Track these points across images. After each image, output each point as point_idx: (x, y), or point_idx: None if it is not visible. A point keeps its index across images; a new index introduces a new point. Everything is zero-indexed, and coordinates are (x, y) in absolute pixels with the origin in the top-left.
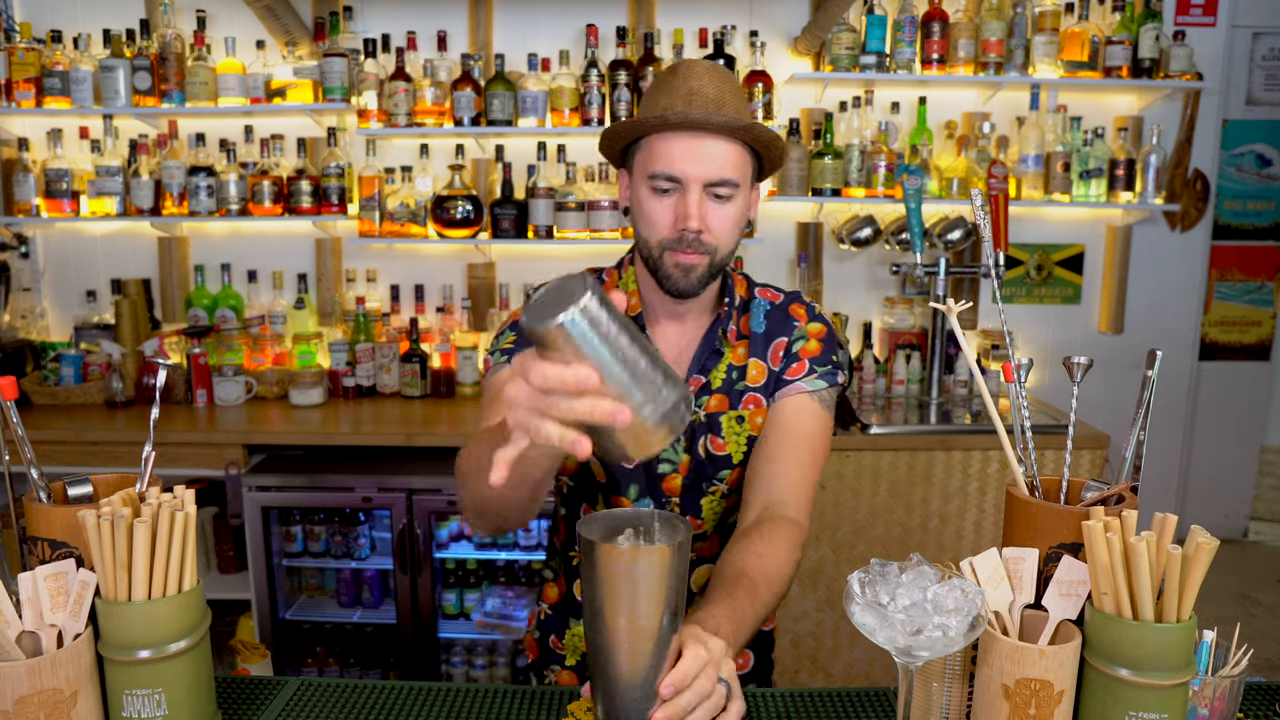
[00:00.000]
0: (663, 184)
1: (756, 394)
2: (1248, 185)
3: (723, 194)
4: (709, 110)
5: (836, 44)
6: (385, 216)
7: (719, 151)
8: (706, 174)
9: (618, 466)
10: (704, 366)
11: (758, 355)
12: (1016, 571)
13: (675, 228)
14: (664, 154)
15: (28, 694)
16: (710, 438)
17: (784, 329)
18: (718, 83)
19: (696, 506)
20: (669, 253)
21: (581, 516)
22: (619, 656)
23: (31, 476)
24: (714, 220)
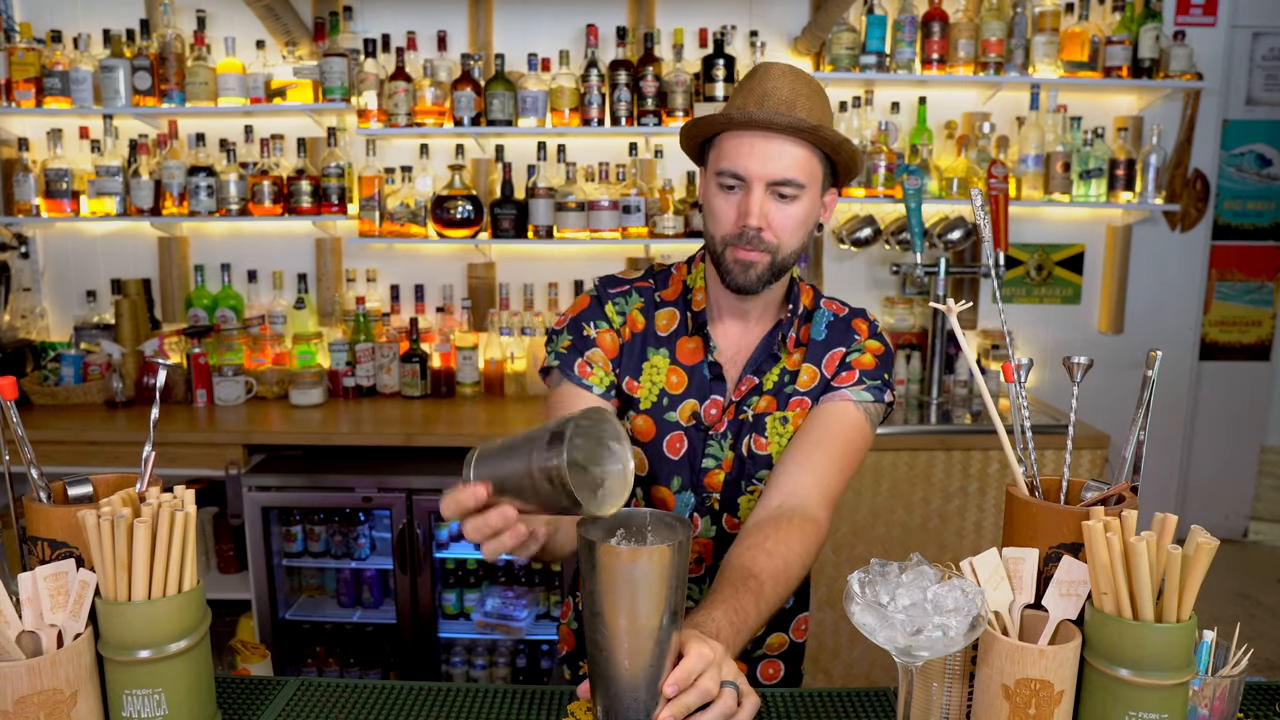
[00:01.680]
0: (728, 180)
1: (804, 398)
2: (1248, 185)
3: (786, 194)
4: (778, 110)
5: (836, 44)
6: (385, 216)
7: (784, 151)
8: (770, 173)
9: (669, 457)
10: (759, 369)
11: (812, 362)
12: (1016, 571)
13: (737, 224)
14: (730, 152)
15: (28, 694)
16: (754, 437)
17: (844, 340)
18: (792, 84)
19: (735, 505)
20: (731, 248)
21: (583, 518)
22: (619, 656)
23: (31, 476)
24: (776, 219)
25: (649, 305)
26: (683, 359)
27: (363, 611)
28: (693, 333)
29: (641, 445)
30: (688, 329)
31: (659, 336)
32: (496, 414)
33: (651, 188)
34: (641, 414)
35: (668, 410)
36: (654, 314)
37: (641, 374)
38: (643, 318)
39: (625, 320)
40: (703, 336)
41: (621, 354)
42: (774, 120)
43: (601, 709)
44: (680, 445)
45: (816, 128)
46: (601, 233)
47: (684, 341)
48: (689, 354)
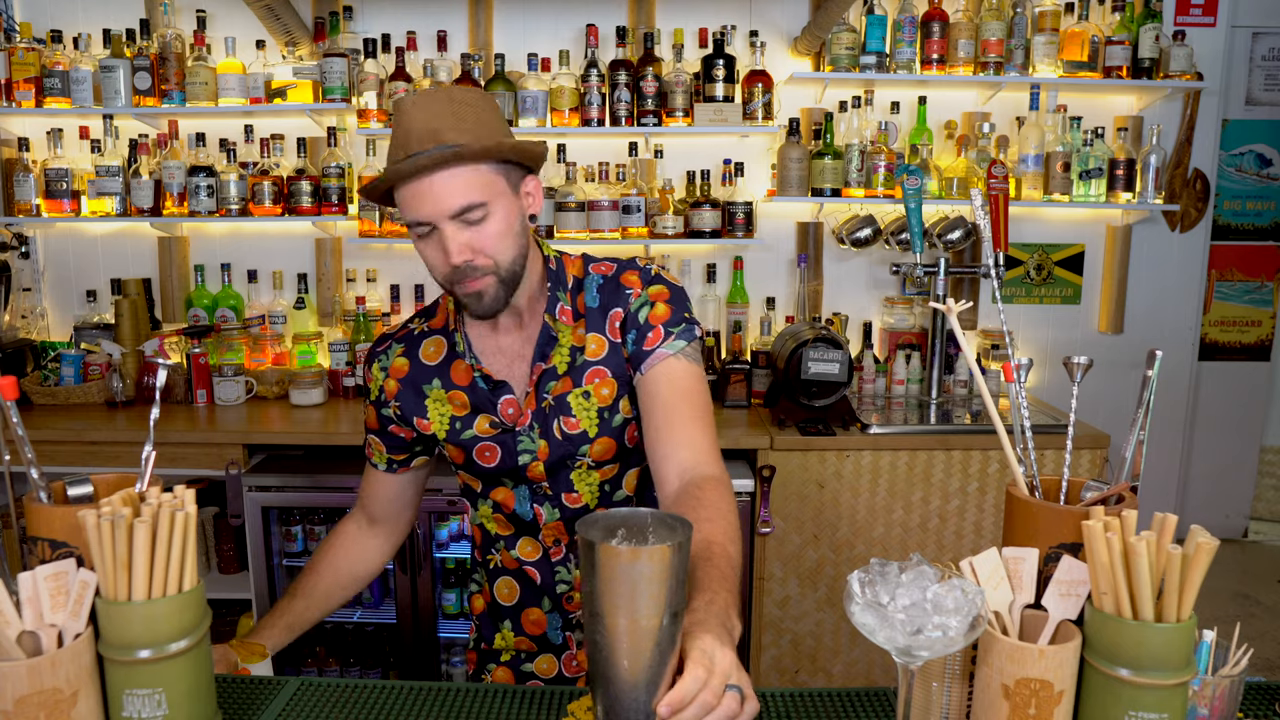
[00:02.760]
0: (420, 229)
1: (599, 366)
2: (1248, 185)
3: (474, 218)
4: (423, 145)
5: (836, 44)
6: (385, 216)
7: (449, 182)
8: (448, 208)
9: (485, 468)
10: (544, 354)
11: (595, 330)
12: (1016, 571)
13: (447, 264)
14: (406, 203)
15: (28, 694)
16: (563, 419)
17: (617, 299)
18: (429, 112)
19: (568, 482)
20: (456, 286)
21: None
22: (619, 657)
23: (31, 476)
24: (480, 242)
25: (411, 346)
26: (457, 381)
27: (363, 611)
28: (460, 354)
29: (459, 468)
30: (457, 351)
31: (428, 368)
32: None
33: (651, 188)
34: (446, 444)
35: (463, 431)
36: (417, 351)
37: (428, 411)
38: (405, 360)
39: (388, 374)
40: (468, 356)
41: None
42: (418, 162)
43: (601, 709)
44: (491, 454)
45: (458, 150)
46: (601, 233)
47: (456, 365)
48: (462, 375)
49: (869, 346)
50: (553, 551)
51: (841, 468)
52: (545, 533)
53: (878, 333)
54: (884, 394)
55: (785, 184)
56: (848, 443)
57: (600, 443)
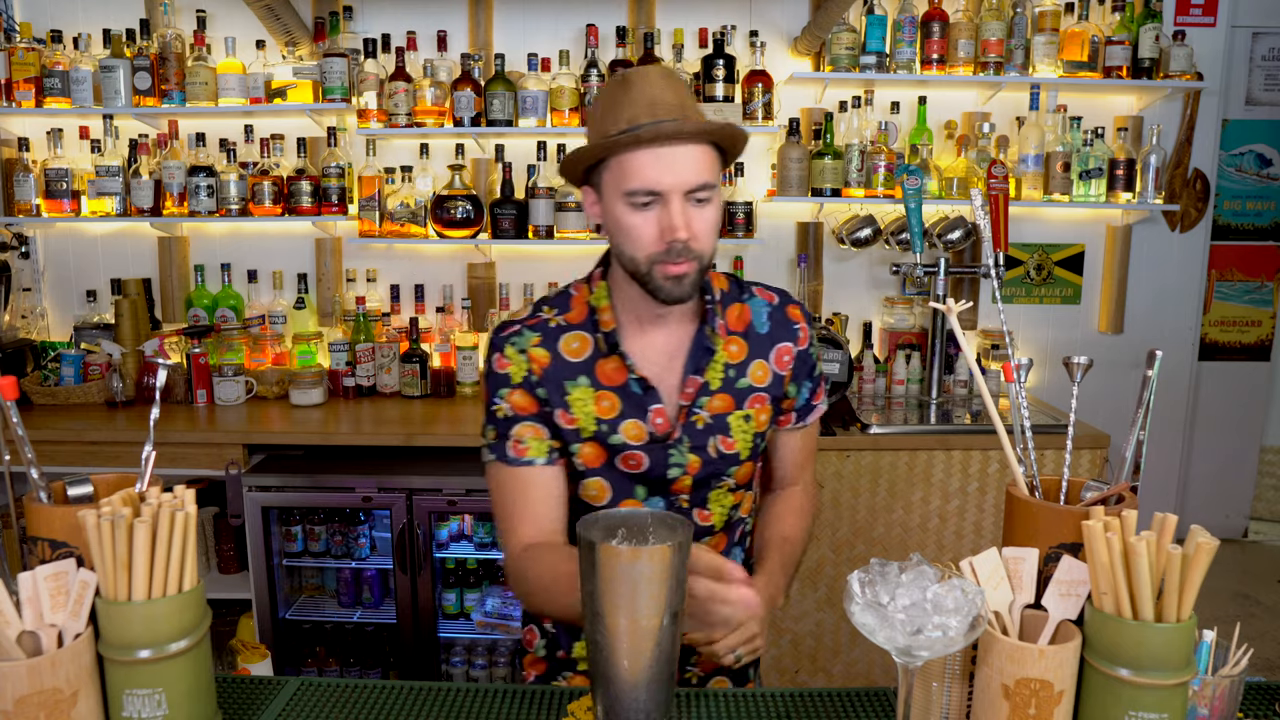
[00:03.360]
0: (641, 199)
1: (762, 394)
2: (1248, 185)
3: (703, 197)
4: (675, 118)
5: (836, 44)
6: (385, 216)
7: (693, 157)
8: (686, 182)
9: (627, 473)
10: (698, 367)
11: (761, 356)
12: (1016, 571)
13: (662, 240)
14: (639, 169)
15: (28, 694)
16: (720, 438)
17: (786, 333)
18: (675, 88)
19: (704, 500)
20: (658, 265)
21: (581, 518)
22: (619, 656)
23: (31, 476)
24: (697, 225)
25: (548, 338)
26: (606, 381)
27: (363, 611)
28: (608, 353)
29: (596, 472)
30: (602, 350)
31: (572, 365)
32: None
33: None
34: (586, 442)
35: (610, 435)
36: (557, 345)
37: (570, 406)
38: (545, 351)
39: (528, 358)
40: (619, 355)
41: (544, 390)
42: (684, 129)
43: (601, 709)
44: (637, 461)
45: (724, 127)
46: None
47: (602, 364)
48: (610, 375)
49: (869, 346)
50: None
51: (842, 468)
52: None
53: (878, 333)
54: (884, 394)
55: (785, 184)
56: (848, 443)
57: (746, 466)
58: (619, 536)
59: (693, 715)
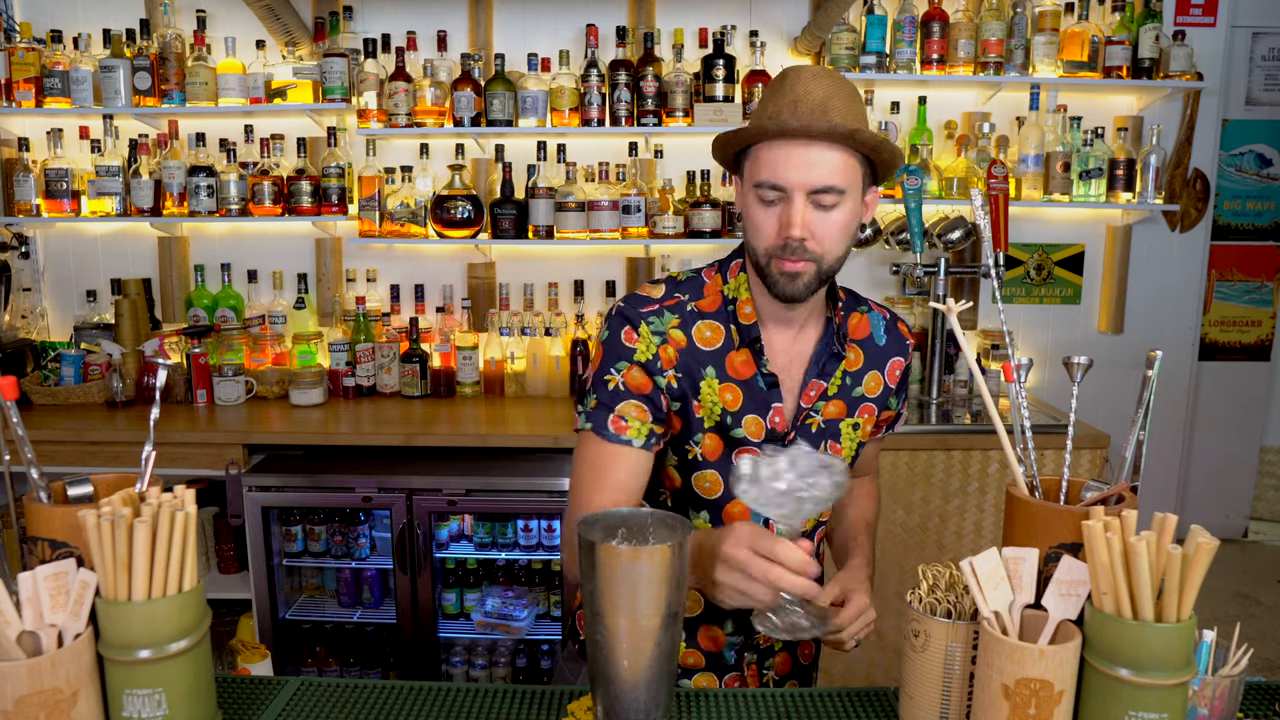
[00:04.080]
0: (767, 193)
1: (871, 404)
2: (1248, 185)
3: (827, 202)
4: (813, 116)
5: (836, 44)
6: (385, 216)
7: (822, 158)
8: (809, 181)
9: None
10: (823, 371)
11: (877, 368)
12: (1016, 571)
13: (780, 236)
14: (767, 162)
15: (28, 694)
16: (830, 443)
17: (900, 350)
18: (825, 86)
19: None
20: (775, 260)
21: (583, 518)
22: (619, 657)
23: (31, 476)
24: (819, 228)
25: (686, 321)
26: (734, 374)
27: (363, 611)
28: (740, 345)
29: (713, 465)
30: (734, 343)
31: (705, 353)
32: (496, 414)
33: (652, 188)
34: (708, 433)
35: (733, 428)
36: (692, 330)
37: (700, 393)
38: (682, 335)
39: (666, 339)
40: (752, 350)
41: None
42: (811, 127)
43: (602, 709)
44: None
45: (855, 132)
46: (601, 233)
47: (732, 356)
48: (739, 368)
49: None
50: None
51: None
52: None
53: None
54: None
55: None
56: None
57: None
58: (619, 536)
59: (693, 715)
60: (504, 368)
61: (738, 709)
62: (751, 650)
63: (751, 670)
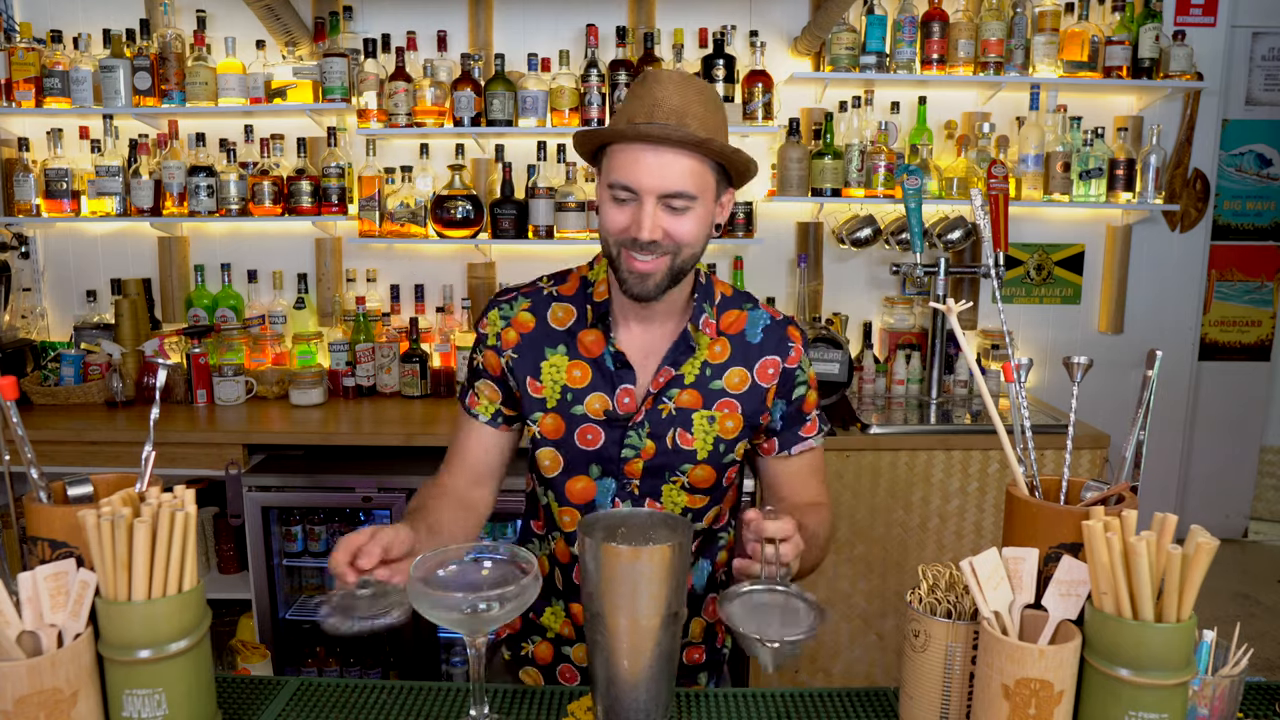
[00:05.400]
0: (620, 193)
1: (733, 399)
2: (1248, 185)
3: (678, 206)
4: (669, 122)
5: (836, 44)
6: (385, 216)
7: (675, 164)
8: (661, 186)
9: (581, 449)
10: (675, 360)
11: (744, 364)
12: (1016, 571)
13: (630, 234)
14: (621, 164)
15: (28, 694)
16: (680, 431)
17: (779, 349)
18: (684, 93)
19: (657, 491)
20: (625, 252)
21: (581, 519)
22: (619, 657)
23: (31, 476)
24: (671, 228)
25: (538, 304)
26: (583, 352)
27: None
28: (593, 324)
29: (552, 443)
30: (587, 322)
31: (554, 332)
32: None
33: None
34: (549, 413)
35: (573, 405)
36: (545, 312)
37: (542, 373)
38: (531, 317)
39: (510, 324)
40: (602, 328)
41: (516, 357)
42: (667, 135)
43: (601, 709)
44: (594, 437)
45: (706, 141)
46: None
47: (583, 335)
48: (589, 347)
49: (869, 346)
50: None
51: (842, 468)
52: None
53: (878, 333)
54: (884, 394)
55: (785, 184)
56: (848, 443)
57: (704, 469)
58: (619, 537)
59: (693, 715)
60: None
61: (738, 709)
62: None
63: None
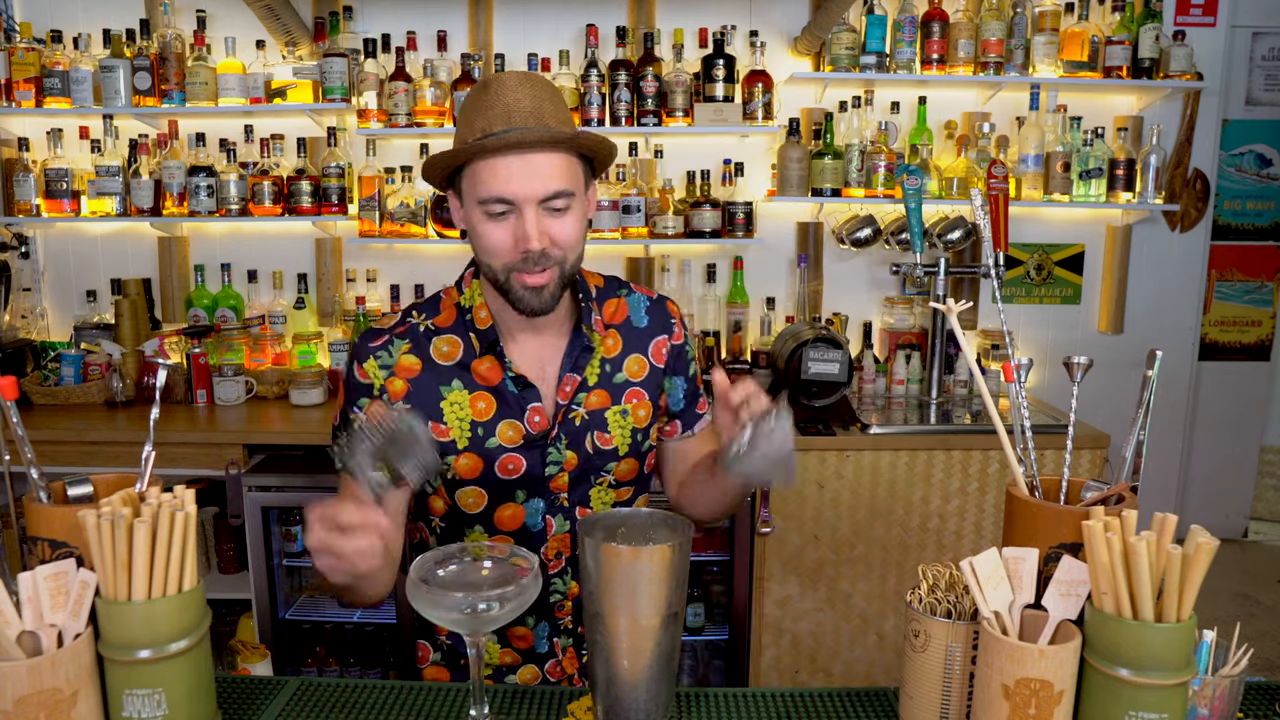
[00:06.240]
0: (495, 207)
1: (638, 388)
2: (1248, 185)
3: (559, 206)
4: (528, 124)
5: (836, 44)
6: (385, 216)
7: (547, 165)
8: (538, 191)
9: (504, 480)
10: (576, 364)
11: (638, 350)
12: (1016, 571)
13: (517, 250)
14: (490, 177)
15: (28, 694)
16: (597, 434)
17: (664, 328)
18: (533, 92)
19: (586, 497)
20: (515, 274)
21: (581, 519)
22: (619, 657)
23: (31, 476)
24: (556, 232)
25: (418, 344)
26: (481, 381)
27: (363, 611)
28: (483, 353)
29: (472, 482)
30: (475, 352)
31: (445, 368)
32: None
33: (651, 188)
34: (463, 454)
35: (487, 439)
36: (428, 350)
37: (444, 415)
38: (415, 359)
39: (394, 372)
40: (495, 355)
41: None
42: (531, 136)
43: (602, 709)
44: (515, 465)
45: (575, 136)
46: (601, 233)
47: (477, 365)
48: (485, 375)
49: (869, 346)
50: (551, 565)
51: (842, 468)
52: (550, 545)
53: (878, 333)
54: (884, 394)
55: (785, 184)
56: (848, 443)
57: (627, 463)
58: (619, 537)
59: (693, 715)
60: None
61: (738, 709)
62: (562, 635)
63: (569, 654)
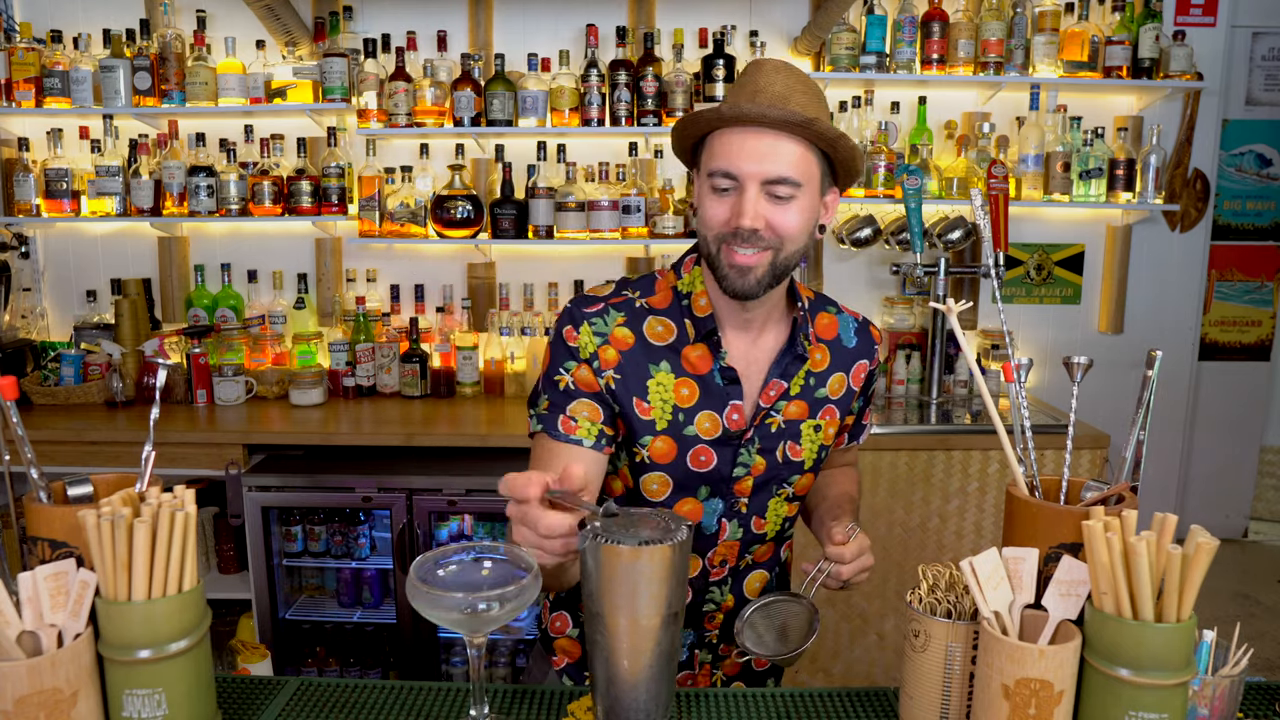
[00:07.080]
0: (721, 182)
1: (833, 406)
2: (1248, 185)
3: (782, 194)
4: (773, 105)
5: (836, 44)
6: (385, 216)
7: (778, 148)
8: (764, 171)
9: (694, 472)
10: (785, 372)
11: (842, 370)
12: (1016, 571)
13: (730, 222)
14: (722, 150)
15: (28, 694)
16: (789, 444)
17: (868, 352)
18: (786, 79)
19: (764, 508)
20: (725, 247)
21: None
22: (619, 657)
23: (31, 476)
24: (774, 218)
25: (633, 318)
26: (690, 369)
27: (363, 611)
28: (696, 340)
29: (662, 468)
30: (689, 337)
31: (655, 349)
32: (496, 414)
33: (651, 188)
34: (659, 435)
35: (685, 425)
36: (641, 326)
37: (649, 392)
38: (629, 332)
39: (608, 340)
40: (709, 343)
41: (620, 377)
42: (766, 114)
43: (601, 709)
44: (707, 458)
45: (812, 121)
46: (602, 233)
47: (688, 351)
48: (695, 363)
49: None
50: (714, 572)
51: None
52: (718, 550)
53: None
54: (884, 394)
55: None
56: None
57: (807, 478)
58: (618, 536)
59: (693, 715)
60: (504, 368)
61: (738, 709)
62: (704, 648)
63: (704, 670)
